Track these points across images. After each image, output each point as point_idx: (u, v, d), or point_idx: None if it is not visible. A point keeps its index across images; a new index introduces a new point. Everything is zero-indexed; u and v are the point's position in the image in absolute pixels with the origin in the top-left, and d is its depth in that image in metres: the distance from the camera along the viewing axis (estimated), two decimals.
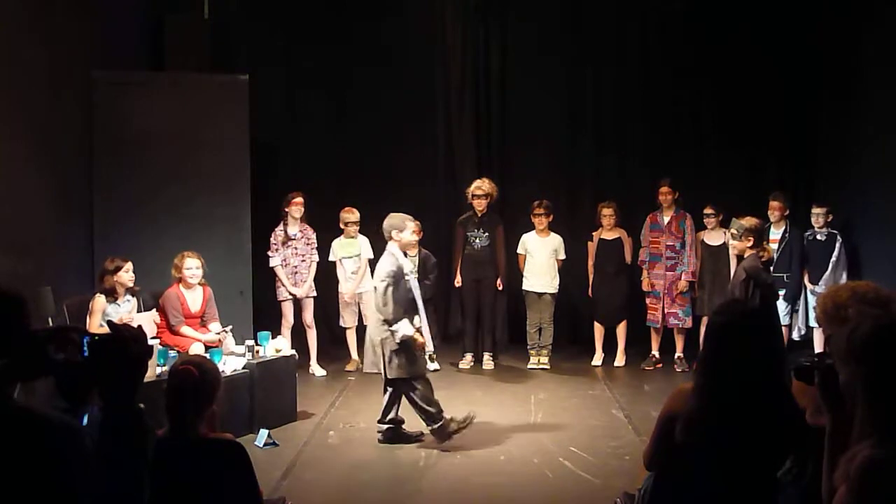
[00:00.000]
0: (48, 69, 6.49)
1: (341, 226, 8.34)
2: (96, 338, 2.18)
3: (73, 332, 2.23)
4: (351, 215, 8.33)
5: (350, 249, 8.36)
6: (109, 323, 2.25)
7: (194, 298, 6.69)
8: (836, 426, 2.30)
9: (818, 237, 7.91)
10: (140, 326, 2.32)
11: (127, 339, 2.22)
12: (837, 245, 7.78)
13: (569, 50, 9.65)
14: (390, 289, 5.78)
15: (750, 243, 6.29)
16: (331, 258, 8.39)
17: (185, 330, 6.57)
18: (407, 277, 5.96)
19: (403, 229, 5.99)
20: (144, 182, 7.42)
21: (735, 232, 6.41)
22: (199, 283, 6.73)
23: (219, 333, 6.63)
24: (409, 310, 5.93)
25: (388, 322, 5.78)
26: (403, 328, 5.78)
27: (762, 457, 2.92)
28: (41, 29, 6.38)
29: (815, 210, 7.88)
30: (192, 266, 6.63)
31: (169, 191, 7.44)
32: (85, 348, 2.19)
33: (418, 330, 5.92)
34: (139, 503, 2.18)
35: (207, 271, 6.78)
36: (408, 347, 5.83)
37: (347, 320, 8.48)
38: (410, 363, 5.90)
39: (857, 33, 8.34)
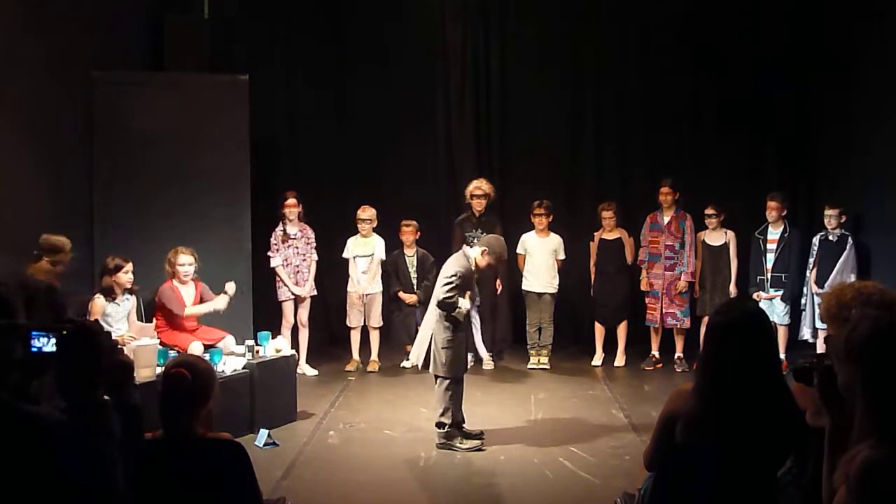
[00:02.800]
0: (48, 69, 6.49)
1: (357, 224, 8.36)
2: (65, 332, 2.22)
3: (20, 329, 2.26)
4: (362, 213, 8.34)
5: (364, 248, 8.37)
6: (71, 319, 2.29)
7: (188, 293, 6.72)
8: (836, 427, 2.29)
9: (830, 238, 7.86)
10: (97, 321, 2.38)
11: (96, 332, 2.25)
12: (848, 247, 7.72)
13: (569, 50, 9.65)
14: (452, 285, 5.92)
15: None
16: (345, 255, 8.40)
17: (190, 311, 6.57)
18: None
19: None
20: (144, 182, 7.41)
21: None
22: (192, 279, 6.76)
23: (226, 292, 6.70)
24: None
25: (450, 307, 5.87)
26: (464, 304, 5.93)
27: (762, 457, 2.92)
28: (41, 29, 6.37)
29: (828, 211, 7.81)
30: (185, 262, 6.66)
31: (169, 191, 7.44)
32: (33, 343, 2.23)
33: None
34: (112, 491, 2.21)
35: (199, 266, 6.80)
36: (458, 350, 5.95)
37: (353, 320, 8.48)
38: (455, 365, 5.97)
39: (859, 33, 8.33)
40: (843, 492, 2.04)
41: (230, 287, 6.75)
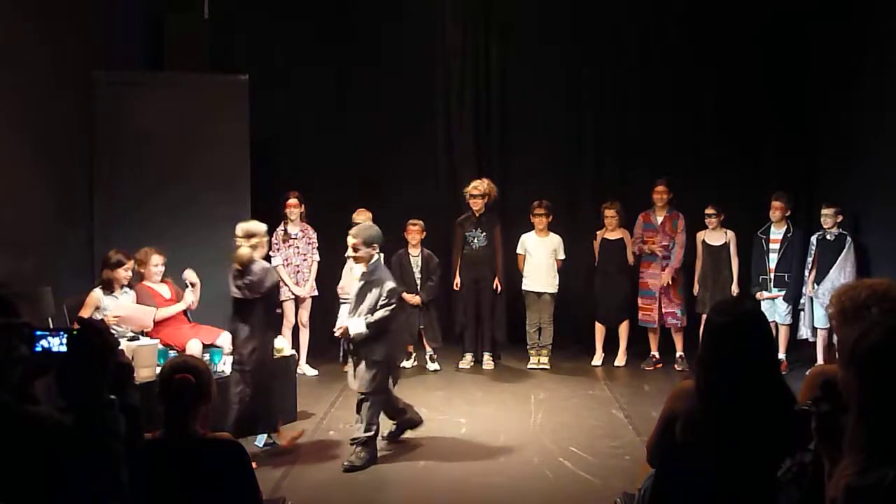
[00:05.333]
0: (48, 69, 6.49)
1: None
2: (75, 332, 2.23)
3: (23, 327, 2.27)
4: (357, 217, 8.30)
5: None
6: (80, 319, 2.29)
7: (164, 291, 6.72)
8: (836, 471, 2.24)
9: (828, 237, 7.84)
10: (103, 320, 2.39)
11: (105, 331, 2.26)
12: (846, 246, 7.69)
13: (569, 50, 9.65)
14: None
15: None
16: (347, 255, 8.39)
17: (161, 314, 6.52)
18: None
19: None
20: (144, 182, 7.42)
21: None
22: (163, 280, 6.77)
23: (188, 284, 6.60)
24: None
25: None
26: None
27: (762, 456, 2.92)
28: (41, 29, 6.38)
29: (825, 210, 7.80)
30: (158, 262, 6.66)
31: (169, 191, 7.44)
32: (39, 343, 2.23)
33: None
34: (117, 492, 2.22)
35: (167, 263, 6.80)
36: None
37: None
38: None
39: (860, 32, 8.32)
40: None
41: (188, 274, 6.56)
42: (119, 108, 7.38)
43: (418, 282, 8.44)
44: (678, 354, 8.49)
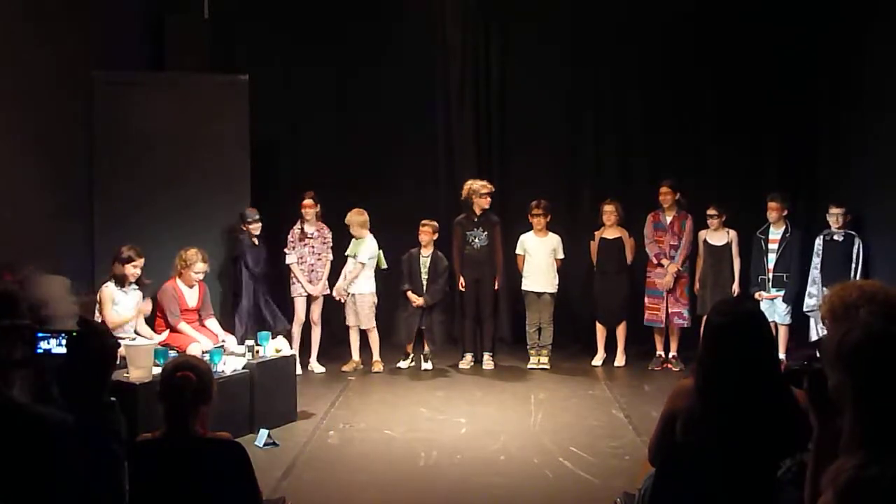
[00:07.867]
0: (48, 69, 6.50)
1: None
2: (74, 333, 2.23)
3: (25, 329, 2.27)
4: (353, 217, 8.29)
5: (354, 249, 8.36)
6: (82, 319, 2.29)
7: (192, 294, 6.74)
8: (824, 432, 2.24)
9: (835, 237, 7.79)
10: (103, 321, 2.40)
11: (104, 333, 2.26)
12: (855, 248, 7.64)
13: (569, 50, 9.65)
14: None
15: None
16: (346, 253, 8.42)
17: (183, 327, 6.58)
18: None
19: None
20: (144, 182, 7.42)
21: None
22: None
23: (221, 342, 6.66)
24: None
25: None
26: None
27: (762, 456, 2.92)
28: (41, 29, 6.38)
29: (833, 210, 7.77)
30: (200, 270, 6.70)
31: (169, 191, 7.45)
32: (39, 345, 2.23)
33: None
34: (116, 492, 2.22)
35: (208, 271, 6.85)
36: None
37: (349, 319, 8.46)
38: None
39: (859, 32, 8.31)
40: (827, 498, 2.01)
41: (231, 348, 6.67)
42: (119, 108, 7.38)
43: (424, 283, 8.40)
44: (671, 354, 8.49)
